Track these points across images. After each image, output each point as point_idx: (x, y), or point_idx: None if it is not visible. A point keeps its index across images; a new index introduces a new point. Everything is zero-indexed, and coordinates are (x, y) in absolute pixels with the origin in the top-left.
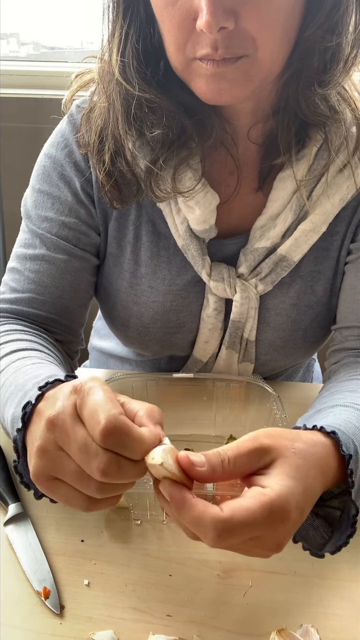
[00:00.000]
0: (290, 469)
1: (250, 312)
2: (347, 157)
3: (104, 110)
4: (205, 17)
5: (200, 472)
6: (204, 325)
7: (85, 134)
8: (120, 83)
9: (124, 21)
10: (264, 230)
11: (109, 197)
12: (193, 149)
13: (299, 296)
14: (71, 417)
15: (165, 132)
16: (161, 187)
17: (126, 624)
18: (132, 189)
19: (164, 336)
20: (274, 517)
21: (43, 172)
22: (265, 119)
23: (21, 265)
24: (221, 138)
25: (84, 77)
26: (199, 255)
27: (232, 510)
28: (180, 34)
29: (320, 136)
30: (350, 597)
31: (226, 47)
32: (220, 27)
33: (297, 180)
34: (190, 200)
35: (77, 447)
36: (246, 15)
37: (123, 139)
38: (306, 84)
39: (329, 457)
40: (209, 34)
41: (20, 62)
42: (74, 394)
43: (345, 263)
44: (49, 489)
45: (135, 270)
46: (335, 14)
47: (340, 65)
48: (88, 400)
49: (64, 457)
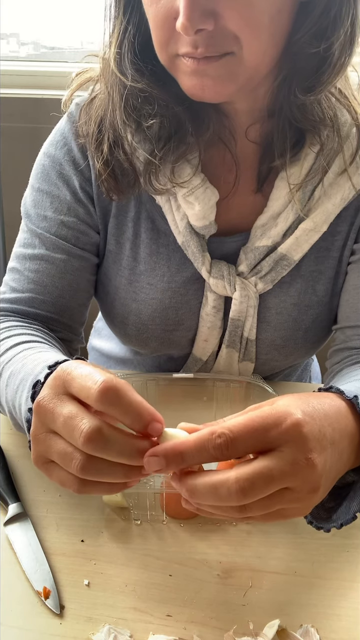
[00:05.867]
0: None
1: (249, 310)
2: (347, 160)
3: (104, 102)
4: (181, 19)
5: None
6: (202, 323)
7: (84, 124)
8: (116, 74)
9: (124, 17)
10: (265, 229)
11: (105, 186)
12: (191, 144)
13: (299, 296)
14: (57, 397)
15: (161, 122)
16: (160, 180)
17: (126, 624)
18: (130, 179)
19: (162, 333)
20: (279, 418)
21: (42, 171)
22: (263, 119)
23: (21, 265)
24: (219, 132)
25: (84, 76)
26: (199, 252)
27: (230, 427)
28: (162, 32)
29: (317, 141)
30: (350, 597)
31: (206, 45)
32: (198, 29)
33: (289, 184)
34: (190, 195)
35: (63, 420)
36: (226, 15)
37: (122, 130)
38: (297, 88)
39: (347, 414)
40: (186, 35)
41: (20, 62)
42: (59, 377)
43: (348, 263)
44: (47, 472)
45: (134, 267)
46: (325, 19)
47: (329, 69)
48: (76, 375)
49: (51, 437)
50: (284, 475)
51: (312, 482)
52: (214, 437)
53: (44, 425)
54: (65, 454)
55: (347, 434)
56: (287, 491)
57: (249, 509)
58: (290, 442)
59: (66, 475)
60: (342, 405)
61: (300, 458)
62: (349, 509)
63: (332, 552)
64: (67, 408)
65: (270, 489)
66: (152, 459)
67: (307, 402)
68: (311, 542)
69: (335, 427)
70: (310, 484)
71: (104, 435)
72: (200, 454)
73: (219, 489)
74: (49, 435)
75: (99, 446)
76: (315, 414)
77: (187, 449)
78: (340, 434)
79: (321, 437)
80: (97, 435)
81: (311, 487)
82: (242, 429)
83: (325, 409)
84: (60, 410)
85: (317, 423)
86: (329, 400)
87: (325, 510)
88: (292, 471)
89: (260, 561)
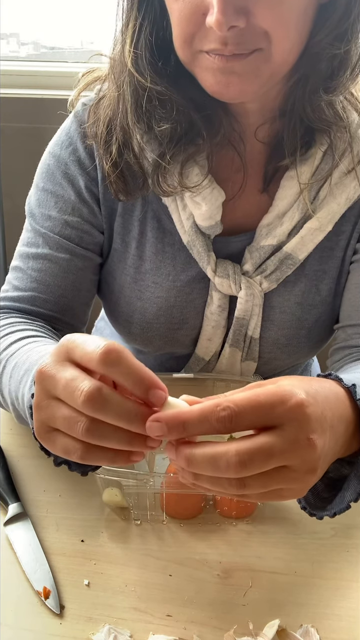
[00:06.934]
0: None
1: (254, 309)
2: (353, 161)
3: (113, 101)
4: (215, 15)
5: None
6: (207, 322)
7: (92, 124)
8: (133, 74)
9: (138, 12)
10: (270, 228)
11: (114, 188)
12: (200, 145)
13: (303, 295)
14: (59, 364)
15: (173, 127)
16: (168, 181)
17: (126, 624)
18: (138, 181)
19: (167, 332)
20: (284, 396)
21: (47, 171)
22: (273, 119)
23: (24, 264)
24: (228, 135)
25: (91, 76)
26: (204, 252)
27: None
28: (188, 27)
29: (326, 141)
30: (350, 597)
31: (236, 43)
32: (231, 25)
33: (300, 184)
34: (197, 196)
35: (64, 383)
36: (258, 13)
37: (131, 131)
38: (312, 88)
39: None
40: (219, 32)
41: (20, 62)
42: (63, 345)
43: (350, 262)
44: (50, 442)
45: (140, 265)
46: (346, 22)
47: (347, 72)
48: (80, 342)
49: (54, 404)
50: (283, 452)
51: (311, 462)
52: (218, 409)
53: (46, 391)
54: (70, 417)
55: (344, 420)
56: (286, 470)
57: (247, 485)
58: (294, 421)
59: (70, 441)
60: (340, 392)
61: (302, 438)
62: (343, 499)
63: (332, 552)
64: (68, 372)
65: (269, 464)
66: (155, 424)
67: (309, 385)
68: (311, 542)
69: (334, 412)
70: (309, 465)
71: (104, 396)
72: (203, 425)
73: (218, 461)
74: (52, 402)
75: (99, 406)
76: (318, 396)
77: (190, 419)
78: (339, 419)
79: (322, 420)
80: (97, 395)
81: (310, 468)
82: (247, 404)
83: (326, 393)
84: (61, 374)
85: (320, 405)
86: (329, 385)
87: (320, 499)
88: (293, 449)
89: (260, 561)
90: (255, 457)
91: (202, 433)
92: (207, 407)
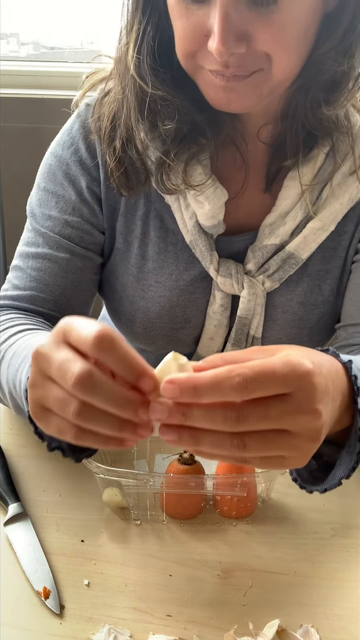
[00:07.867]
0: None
1: (257, 308)
2: (355, 163)
3: (118, 98)
4: (216, 43)
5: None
6: (209, 321)
7: (97, 119)
8: (135, 80)
9: (142, 15)
10: (273, 228)
11: (117, 183)
12: (203, 144)
13: (306, 295)
14: (55, 345)
15: (178, 126)
16: (172, 180)
17: (126, 624)
18: (141, 177)
19: (169, 331)
20: (294, 365)
21: (48, 171)
22: (275, 121)
23: (24, 263)
24: (231, 135)
25: (96, 77)
26: (207, 251)
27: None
28: (190, 46)
29: (328, 143)
30: (350, 597)
31: (237, 66)
32: (232, 53)
33: (302, 185)
34: (200, 195)
35: (58, 363)
36: (259, 38)
37: (135, 129)
38: (314, 97)
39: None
40: (219, 58)
41: (20, 62)
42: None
43: (352, 262)
44: (44, 422)
45: (142, 265)
46: (351, 36)
47: (349, 85)
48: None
49: (48, 383)
50: (286, 414)
51: (314, 431)
52: (232, 375)
53: (41, 371)
54: (62, 399)
55: (340, 393)
56: (288, 435)
57: (248, 448)
58: (301, 390)
59: (63, 422)
60: (338, 366)
61: (307, 406)
62: (334, 476)
63: (332, 552)
64: (63, 353)
65: (269, 419)
66: (169, 386)
67: (314, 356)
68: (311, 542)
69: (335, 385)
70: (313, 433)
71: (95, 379)
72: (215, 391)
73: (217, 413)
74: (46, 381)
75: (88, 389)
76: (322, 368)
77: (203, 384)
78: (337, 392)
79: (327, 390)
80: (87, 378)
81: (313, 436)
82: (261, 371)
83: (327, 366)
84: (56, 355)
85: (324, 377)
86: (329, 358)
87: (313, 477)
88: (296, 413)
89: (260, 561)
90: (253, 413)
91: (214, 399)
92: (220, 372)
